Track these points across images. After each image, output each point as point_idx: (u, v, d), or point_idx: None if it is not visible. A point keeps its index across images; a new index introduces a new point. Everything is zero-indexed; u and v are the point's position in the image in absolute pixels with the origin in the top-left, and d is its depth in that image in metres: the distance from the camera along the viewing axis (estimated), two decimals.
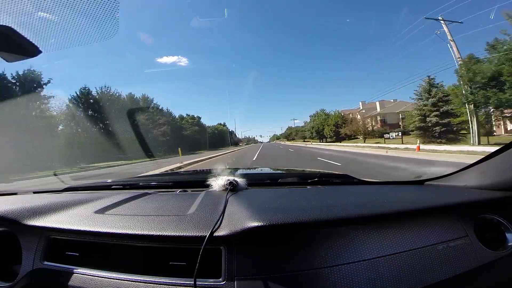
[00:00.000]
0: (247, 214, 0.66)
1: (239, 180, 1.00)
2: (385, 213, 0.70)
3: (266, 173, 1.79)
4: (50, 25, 0.95)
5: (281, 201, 0.81)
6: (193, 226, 0.65)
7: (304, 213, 0.65)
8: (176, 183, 1.27)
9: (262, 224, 0.60)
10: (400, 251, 0.64)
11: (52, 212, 0.81)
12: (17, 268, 0.74)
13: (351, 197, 0.86)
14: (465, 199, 0.81)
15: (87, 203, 0.89)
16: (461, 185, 0.94)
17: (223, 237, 0.61)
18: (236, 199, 0.83)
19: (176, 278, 0.60)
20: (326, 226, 0.64)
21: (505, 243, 0.74)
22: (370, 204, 0.77)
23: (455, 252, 0.68)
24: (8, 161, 12.50)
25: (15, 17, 0.82)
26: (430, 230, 0.71)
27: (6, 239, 0.79)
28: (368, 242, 0.64)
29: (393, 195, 0.93)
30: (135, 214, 0.77)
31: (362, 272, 0.59)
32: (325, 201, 0.80)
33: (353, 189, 1.05)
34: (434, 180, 1.07)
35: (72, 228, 0.71)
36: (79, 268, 0.68)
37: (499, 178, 0.83)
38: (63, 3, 0.94)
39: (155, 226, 0.66)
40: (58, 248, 0.73)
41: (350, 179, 1.21)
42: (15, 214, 0.77)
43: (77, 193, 1.18)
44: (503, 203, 0.80)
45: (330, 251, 0.61)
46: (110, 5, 0.92)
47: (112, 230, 0.67)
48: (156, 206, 0.85)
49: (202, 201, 0.85)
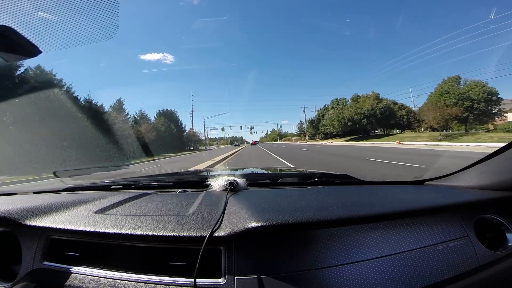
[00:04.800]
0: (247, 214, 0.66)
1: (239, 180, 1.01)
2: (385, 213, 0.70)
3: (266, 173, 1.79)
4: (50, 25, 0.95)
5: (281, 201, 0.81)
6: (193, 226, 0.65)
7: (304, 213, 0.65)
8: (176, 183, 1.27)
9: (262, 224, 0.60)
10: (400, 251, 0.64)
11: (52, 212, 0.81)
12: (17, 268, 0.74)
13: (351, 197, 0.86)
14: (465, 199, 0.81)
15: (87, 203, 0.89)
16: (461, 185, 0.94)
17: (223, 237, 0.61)
18: (236, 199, 0.83)
19: (176, 278, 0.60)
20: (326, 226, 0.64)
21: (505, 243, 0.74)
22: (370, 204, 0.77)
23: (455, 252, 0.68)
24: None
25: (15, 17, 0.82)
26: (430, 230, 0.71)
27: (6, 239, 0.79)
28: (368, 242, 0.64)
29: (393, 195, 0.92)
30: (135, 214, 0.77)
31: (362, 272, 0.59)
32: (325, 201, 0.80)
33: (353, 189, 1.05)
34: (434, 180, 1.07)
35: (72, 228, 0.71)
36: (79, 268, 0.68)
37: (499, 178, 0.83)
38: (63, 3, 0.94)
39: (155, 226, 0.66)
40: (58, 248, 0.73)
41: (350, 179, 1.21)
42: (15, 214, 0.77)
43: (77, 193, 1.18)
44: (503, 203, 0.80)
45: (330, 251, 0.61)
46: (110, 5, 0.92)
47: (112, 230, 0.67)
48: (156, 206, 0.85)
49: (202, 201, 0.85)
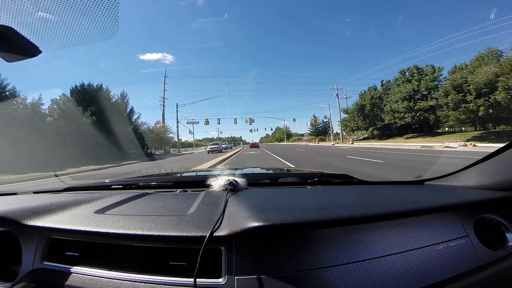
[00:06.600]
0: (247, 214, 0.66)
1: (239, 180, 1.01)
2: (385, 213, 0.70)
3: (266, 173, 1.79)
4: (50, 25, 0.95)
5: (281, 201, 0.81)
6: (193, 226, 0.65)
7: (304, 213, 0.65)
8: (176, 183, 1.27)
9: (262, 224, 0.60)
10: (400, 251, 0.64)
11: (52, 212, 0.81)
12: (17, 268, 0.74)
13: (351, 197, 0.86)
14: (465, 199, 0.81)
15: (87, 203, 0.89)
16: (461, 185, 0.94)
17: (223, 237, 0.61)
18: (236, 199, 0.83)
19: (176, 277, 0.60)
20: (326, 226, 0.64)
21: (505, 243, 0.74)
22: (370, 204, 0.77)
23: (455, 252, 0.68)
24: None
25: (15, 17, 0.82)
26: (430, 230, 0.71)
27: (6, 239, 0.79)
28: (368, 242, 0.64)
29: (393, 195, 0.92)
30: (135, 214, 0.77)
31: (362, 272, 0.59)
32: (325, 201, 0.80)
33: (353, 189, 1.05)
34: (434, 180, 1.07)
35: (72, 228, 0.71)
36: (79, 268, 0.68)
37: (499, 178, 0.83)
38: (63, 3, 0.94)
39: (155, 226, 0.66)
40: (58, 248, 0.73)
41: (350, 179, 1.21)
42: (15, 214, 0.77)
43: (77, 193, 1.18)
44: (503, 203, 0.80)
45: (330, 251, 0.61)
46: (110, 5, 0.92)
47: (112, 230, 0.67)
48: (156, 206, 0.85)
49: (202, 201, 0.85)
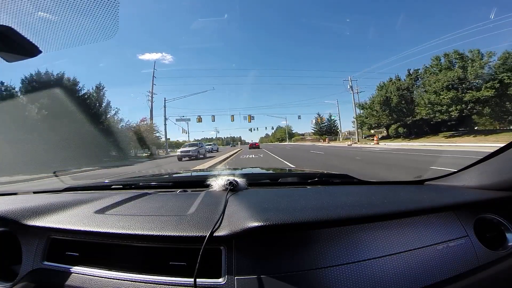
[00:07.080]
0: (247, 214, 0.66)
1: (239, 180, 1.01)
2: (385, 213, 0.70)
3: (266, 173, 1.79)
4: (50, 25, 0.95)
5: (281, 201, 0.81)
6: (193, 226, 0.65)
7: (304, 213, 0.65)
8: (176, 183, 1.27)
9: (262, 224, 0.60)
10: (400, 251, 0.64)
11: (52, 212, 0.81)
12: (17, 268, 0.74)
13: (351, 197, 0.86)
14: (465, 199, 0.81)
15: (87, 203, 0.89)
16: (461, 185, 0.94)
17: (223, 237, 0.61)
18: (236, 199, 0.83)
19: (176, 277, 0.60)
20: (326, 226, 0.64)
21: (505, 243, 0.74)
22: (370, 204, 0.77)
23: (455, 252, 0.68)
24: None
25: (15, 17, 0.82)
26: (430, 230, 0.71)
27: (6, 239, 0.79)
28: (368, 242, 0.64)
29: (393, 195, 0.92)
30: (135, 214, 0.77)
31: (362, 272, 0.59)
32: (325, 201, 0.80)
33: (353, 189, 1.05)
34: (434, 180, 1.07)
35: (72, 228, 0.71)
36: (79, 268, 0.68)
37: (499, 178, 0.83)
38: (63, 3, 0.94)
39: (155, 226, 0.66)
40: (58, 248, 0.73)
41: (350, 179, 1.21)
42: (15, 214, 0.77)
43: (77, 193, 1.18)
44: (503, 203, 0.80)
45: (330, 251, 0.61)
46: (110, 5, 0.92)
47: (112, 230, 0.67)
48: (156, 206, 0.85)
49: (202, 201, 0.85)
